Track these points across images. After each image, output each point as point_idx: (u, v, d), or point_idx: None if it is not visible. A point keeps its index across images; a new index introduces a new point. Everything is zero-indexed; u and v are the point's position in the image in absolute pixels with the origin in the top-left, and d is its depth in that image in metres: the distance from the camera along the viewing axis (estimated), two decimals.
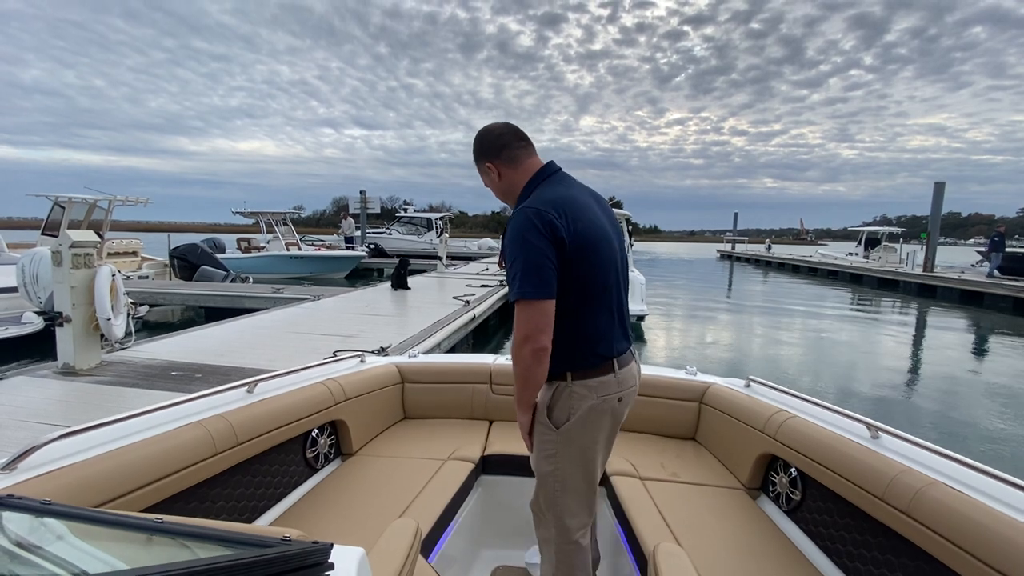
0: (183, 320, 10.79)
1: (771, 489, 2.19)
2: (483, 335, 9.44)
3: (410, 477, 2.20)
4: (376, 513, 1.91)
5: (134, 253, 14.68)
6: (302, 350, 5.42)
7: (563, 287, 1.43)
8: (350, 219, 23.64)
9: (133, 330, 5.29)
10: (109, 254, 13.93)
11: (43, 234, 13.61)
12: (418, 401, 2.88)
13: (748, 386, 2.54)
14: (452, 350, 7.26)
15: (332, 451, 2.44)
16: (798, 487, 2.03)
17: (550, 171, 1.59)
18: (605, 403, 1.53)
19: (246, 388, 2.07)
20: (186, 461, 1.63)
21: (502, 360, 2.99)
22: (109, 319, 4.54)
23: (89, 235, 4.63)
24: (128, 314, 5.09)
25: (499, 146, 1.58)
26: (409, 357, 3.00)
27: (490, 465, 2.45)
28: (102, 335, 4.70)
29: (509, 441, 2.54)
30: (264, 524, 1.93)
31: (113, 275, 4.72)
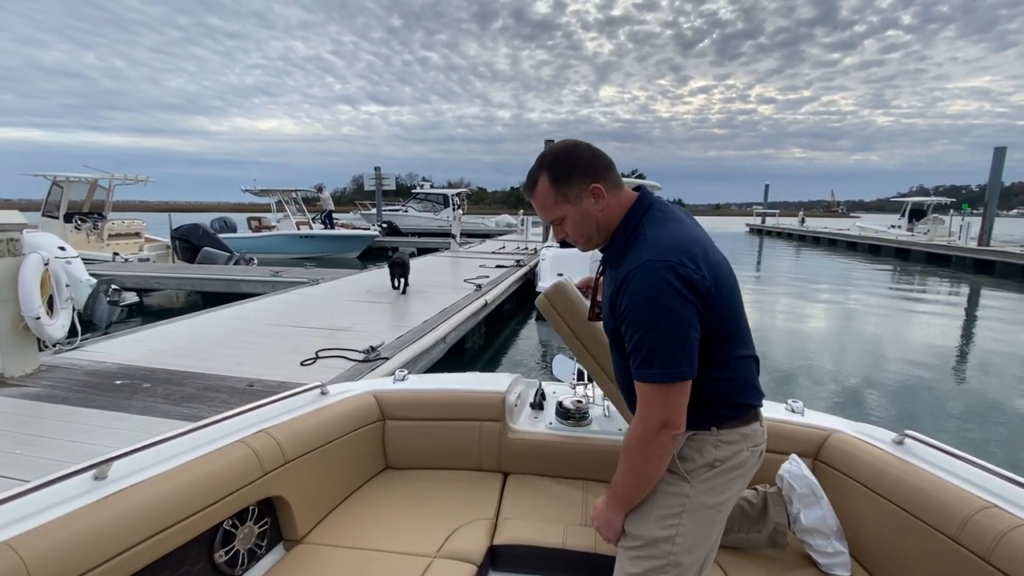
0: (187, 304, 10.19)
1: None
2: (498, 322, 8.56)
3: None
4: None
5: (136, 234, 14.14)
6: (279, 349, 4.60)
7: (707, 339, 1.15)
8: (326, 193, 22.81)
9: (80, 328, 4.51)
10: (111, 235, 13.43)
11: (43, 215, 13.17)
12: (405, 446, 2.07)
13: (901, 443, 1.60)
14: (461, 342, 6.41)
15: (266, 541, 1.60)
16: None
17: (649, 201, 1.23)
18: (753, 455, 1.26)
19: (92, 474, 1.22)
20: None
21: (521, 386, 2.24)
22: (38, 318, 3.76)
23: (13, 215, 3.82)
24: (73, 310, 4.32)
25: (605, 165, 1.22)
26: (394, 381, 2.19)
27: (502, 560, 1.63)
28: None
29: (530, 515, 1.73)
30: None
31: (46, 263, 3.92)
